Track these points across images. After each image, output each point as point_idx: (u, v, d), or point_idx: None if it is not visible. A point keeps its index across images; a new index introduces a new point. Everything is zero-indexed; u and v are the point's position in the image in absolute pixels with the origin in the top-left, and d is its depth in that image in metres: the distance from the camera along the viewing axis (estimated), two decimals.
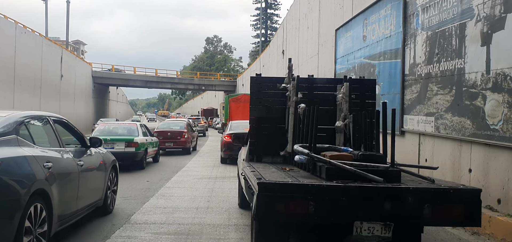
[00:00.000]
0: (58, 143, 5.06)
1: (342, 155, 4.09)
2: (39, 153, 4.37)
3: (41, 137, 4.90)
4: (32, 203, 3.95)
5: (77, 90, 41.46)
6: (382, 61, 9.80)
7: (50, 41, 35.96)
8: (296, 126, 5.32)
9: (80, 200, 5.23)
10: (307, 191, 3.46)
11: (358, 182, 3.62)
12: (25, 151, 4.15)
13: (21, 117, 4.52)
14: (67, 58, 38.77)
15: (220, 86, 57.89)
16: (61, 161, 4.78)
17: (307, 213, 3.44)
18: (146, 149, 12.76)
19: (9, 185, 3.72)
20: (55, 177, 4.46)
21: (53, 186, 4.38)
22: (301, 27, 20.54)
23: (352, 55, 12.07)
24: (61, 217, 4.61)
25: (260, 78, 6.11)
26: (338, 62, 13.54)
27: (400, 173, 3.91)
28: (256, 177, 3.85)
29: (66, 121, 5.70)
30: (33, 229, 3.99)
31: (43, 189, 4.16)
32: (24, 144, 4.27)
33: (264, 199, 3.47)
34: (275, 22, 70.49)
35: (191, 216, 6.50)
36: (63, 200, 4.63)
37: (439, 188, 3.61)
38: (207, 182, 10.00)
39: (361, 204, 3.48)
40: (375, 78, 9.49)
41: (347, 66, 12.51)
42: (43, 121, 5.09)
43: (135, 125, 13.65)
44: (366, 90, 5.92)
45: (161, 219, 6.25)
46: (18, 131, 4.30)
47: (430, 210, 3.48)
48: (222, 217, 6.46)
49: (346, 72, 12.50)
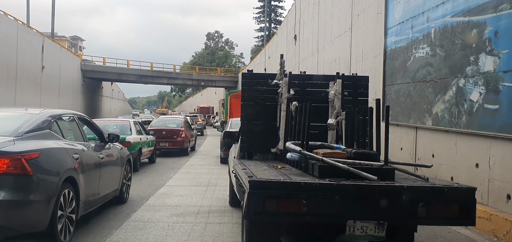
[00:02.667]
0: (82, 137, 5.69)
1: (335, 153, 4.02)
2: (68, 146, 5.01)
3: (69, 132, 5.49)
4: (64, 188, 4.59)
5: (63, 84, 37.60)
6: (505, 12, 5.67)
7: (29, 27, 31.97)
8: (288, 123, 5.26)
9: (102, 188, 5.85)
10: (299, 189, 3.41)
11: (351, 180, 3.56)
12: (57, 144, 4.82)
13: (52, 115, 5.20)
14: (50, 48, 34.78)
15: (221, 82, 53.67)
16: (85, 154, 5.34)
17: (300, 212, 3.38)
18: (140, 149, 12.00)
19: (47, 172, 4.41)
20: (82, 167, 5.08)
21: (80, 176, 5.00)
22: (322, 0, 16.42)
23: (422, 17, 7.95)
24: (86, 202, 5.21)
25: (252, 75, 6.06)
26: (391, 34, 9.42)
27: (394, 171, 3.92)
28: (247, 174, 3.78)
29: (88, 118, 6.46)
30: (64, 210, 4.62)
31: (72, 177, 4.78)
32: (55, 137, 4.92)
33: (255, 197, 3.40)
34: (279, 14, 68.11)
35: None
36: (88, 188, 5.25)
37: (433, 187, 3.57)
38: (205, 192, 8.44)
39: (354, 203, 3.42)
40: (485, 42, 5.96)
41: (411, 36, 8.40)
42: (70, 118, 5.79)
43: (128, 122, 12.69)
44: (359, 87, 5.92)
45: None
46: (51, 127, 4.97)
47: (425, 209, 3.42)
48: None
49: (410, 44, 8.37)
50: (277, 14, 68.47)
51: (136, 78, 49.00)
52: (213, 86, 57.61)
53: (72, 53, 41.88)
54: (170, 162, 14.57)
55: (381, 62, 9.96)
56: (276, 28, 53.10)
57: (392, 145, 9.33)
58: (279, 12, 68.24)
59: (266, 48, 37.75)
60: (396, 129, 9.20)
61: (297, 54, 22.22)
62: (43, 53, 32.79)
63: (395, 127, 9.24)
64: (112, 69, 47.39)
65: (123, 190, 7.03)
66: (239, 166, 4.61)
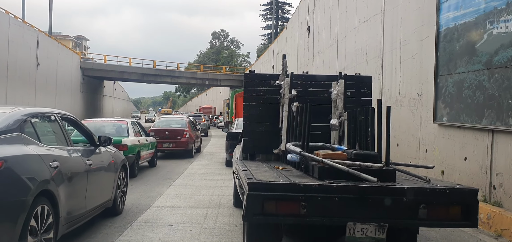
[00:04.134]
0: (66, 141, 4.92)
1: (335, 154, 4.02)
2: (45, 151, 4.22)
3: (48, 134, 4.81)
4: (37, 205, 3.79)
5: (60, 83, 35.69)
6: None
7: (22, 21, 30.09)
8: (289, 123, 5.20)
9: (89, 200, 5.08)
10: (298, 191, 3.39)
11: (351, 181, 3.55)
12: (30, 150, 4.01)
13: (25, 114, 4.34)
14: (46, 44, 32.85)
15: (226, 81, 51.43)
16: (68, 160, 4.63)
17: (299, 213, 3.37)
18: (139, 152, 10.97)
19: (13, 186, 3.58)
20: (62, 176, 4.32)
21: (60, 187, 4.24)
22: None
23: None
24: (68, 219, 4.45)
25: (254, 75, 6.07)
26: (447, 8, 7.28)
27: (394, 172, 3.89)
28: (246, 176, 3.78)
29: (74, 118, 5.59)
30: (38, 232, 3.81)
31: (49, 190, 4.00)
32: (29, 142, 4.11)
33: (254, 199, 3.38)
34: (287, 12, 66.68)
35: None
36: (70, 202, 4.48)
37: (435, 188, 3.52)
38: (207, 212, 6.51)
39: (354, 205, 3.39)
40: None
41: (484, 7, 6.26)
42: (50, 118, 4.92)
43: (125, 122, 11.60)
44: (361, 87, 5.81)
45: None
46: (23, 128, 4.15)
47: (426, 211, 3.39)
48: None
49: (481, 18, 6.23)
50: (285, 11, 66.84)
51: (138, 77, 46.97)
52: (218, 85, 55.42)
53: (70, 50, 39.93)
54: (173, 165, 13.09)
55: (431, 46, 7.81)
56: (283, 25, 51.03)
57: (451, 154, 7.11)
58: (287, 9, 66.88)
59: (274, 44, 35.62)
60: (457, 132, 7.02)
61: (310, 47, 20.05)
62: (38, 49, 30.92)
63: (455, 130, 7.06)
64: (113, 68, 45.39)
65: (118, 199, 6.30)
66: (241, 167, 4.62)
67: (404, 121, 9.09)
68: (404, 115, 9.10)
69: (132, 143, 10.67)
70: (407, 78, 9.01)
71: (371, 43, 11.29)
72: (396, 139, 9.29)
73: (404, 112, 9.10)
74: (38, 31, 31.22)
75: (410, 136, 8.80)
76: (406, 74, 9.04)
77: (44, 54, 31.81)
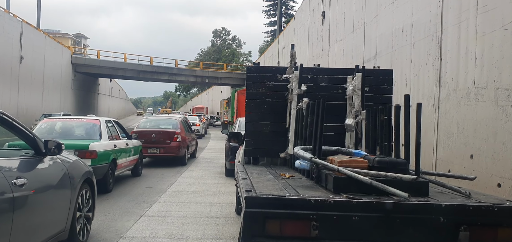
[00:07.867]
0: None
1: (354, 161, 3.40)
2: None
3: None
4: None
5: (48, 79, 33.13)
6: None
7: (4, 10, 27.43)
8: (298, 123, 4.72)
9: (18, 239, 3.55)
10: (309, 208, 2.76)
11: (374, 196, 2.92)
12: None
13: None
14: (31, 36, 30.25)
15: (227, 79, 48.68)
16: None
17: (309, 236, 2.76)
18: (115, 160, 8.83)
19: None
20: None
21: None
22: None
23: None
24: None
25: (258, 68, 5.71)
26: None
27: (427, 184, 3.21)
28: (245, 187, 3.10)
29: (6, 116, 3.86)
30: None
31: None
32: None
33: (253, 217, 2.74)
34: (291, 8, 63.66)
35: None
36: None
37: (479, 205, 2.86)
38: None
39: (379, 226, 2.76)
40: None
41: None
42: None
43: (97, 121, 9.32)
44: (381, 83, 5.31)
45: None
46: None
47: (468, 233, 2.74)
48: None
49: None
50: (289, 7, 64.19)
51: (134, 74, 44.29)
52: (219, 84, 52.67)
53: (60, 43, 37.16)
54: (156, 178, 10.54)
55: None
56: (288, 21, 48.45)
57: None
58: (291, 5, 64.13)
59: (279, 38, 32.93)
60: None
61: (325, 36, 17.30)
62: (21, 41, 28.35)
63: None
64: (107, 64, 42.71)
65: (78, 227, 4.82)
66: (241, 174, 4.05)
67: (484, 122, 6.29)
68: (485, 114, 6.30)
69: (105, 149, 8.53)
70: (491, 59, 6.21)
71: (420, 18, 8.49)
72: (469, 148, 6.50)
73: (485, 109, 6.30)
74: (22, 22, 28.66)
75: (498, 144, 6.00)
76: (490, 54, 6.24)
77: (29, 47, 29.26)
